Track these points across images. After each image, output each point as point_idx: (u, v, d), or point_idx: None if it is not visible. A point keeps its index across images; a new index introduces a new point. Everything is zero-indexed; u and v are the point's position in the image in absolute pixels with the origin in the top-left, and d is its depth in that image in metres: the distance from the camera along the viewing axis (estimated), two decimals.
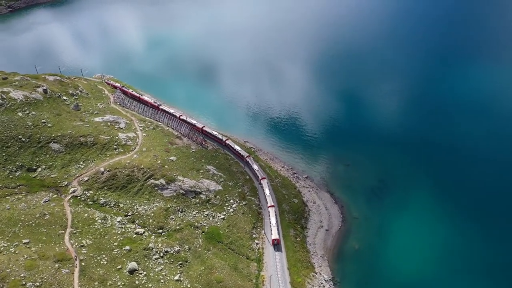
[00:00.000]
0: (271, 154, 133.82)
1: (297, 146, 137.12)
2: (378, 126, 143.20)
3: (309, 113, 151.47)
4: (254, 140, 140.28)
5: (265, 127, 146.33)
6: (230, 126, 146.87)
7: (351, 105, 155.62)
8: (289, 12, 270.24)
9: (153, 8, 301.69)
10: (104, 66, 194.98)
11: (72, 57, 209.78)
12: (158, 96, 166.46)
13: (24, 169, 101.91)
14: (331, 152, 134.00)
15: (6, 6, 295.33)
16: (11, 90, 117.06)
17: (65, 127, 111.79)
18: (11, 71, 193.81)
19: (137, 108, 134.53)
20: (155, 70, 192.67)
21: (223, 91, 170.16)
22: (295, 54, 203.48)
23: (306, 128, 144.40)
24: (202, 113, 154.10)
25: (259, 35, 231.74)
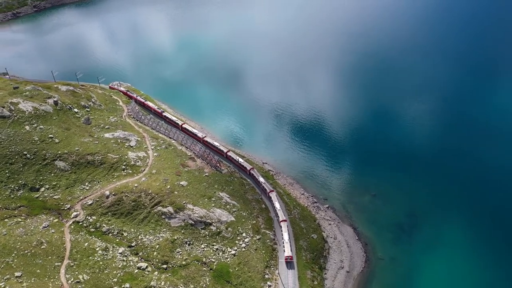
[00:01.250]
0: (291, 177, 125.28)
1: (319, 170, 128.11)
2: (409, 151, 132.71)
3: (333, 133, 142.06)
4: (273, 161, 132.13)
5: (285, 146, 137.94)
6: (249, 144, 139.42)
7: (380, 127, 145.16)
8: (317, 16, 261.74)
9: (178, 12, 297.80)
10: (123, 73, 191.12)
11: (91, 62, 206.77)
12: (176, 107, 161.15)
13: (26, 188, 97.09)
14: (356, 179, 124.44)
15: (32, 6, 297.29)
16: (21, 101, 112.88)
17: (73, 144, 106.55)
18: (29, 74, 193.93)
19: (151, 123, 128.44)
20: (175, 78, 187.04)
21: (244, 104, 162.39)
22: (322, 65, 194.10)
23: (329, 150, 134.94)
24: (218, 128, 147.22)
25: (285, 43, 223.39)
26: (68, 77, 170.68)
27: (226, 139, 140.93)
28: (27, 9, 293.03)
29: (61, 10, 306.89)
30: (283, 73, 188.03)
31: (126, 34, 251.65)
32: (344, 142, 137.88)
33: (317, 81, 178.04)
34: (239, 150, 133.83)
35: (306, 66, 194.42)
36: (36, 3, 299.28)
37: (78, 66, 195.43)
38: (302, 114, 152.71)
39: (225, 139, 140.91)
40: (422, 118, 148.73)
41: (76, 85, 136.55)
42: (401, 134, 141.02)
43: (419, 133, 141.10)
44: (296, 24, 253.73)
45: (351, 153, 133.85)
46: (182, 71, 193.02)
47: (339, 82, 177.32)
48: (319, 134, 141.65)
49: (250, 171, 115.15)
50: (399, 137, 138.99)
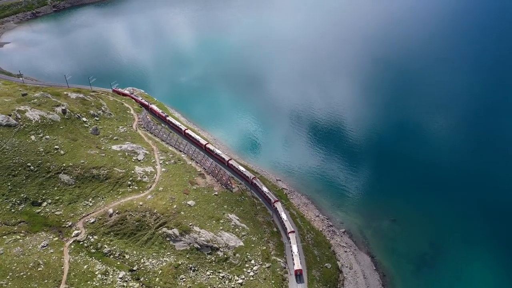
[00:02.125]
0: (306, 197, 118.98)
1: (336, 189, 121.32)
2: (434, 172, 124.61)
3: (352, 150, 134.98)
4: (287, 178, 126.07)
5: (301, 163, 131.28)
6: (263, 159, 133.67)
7: (402, 143, 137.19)
8: (340, 21, 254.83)
9: (197, 15, 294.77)
10: (137, 78, 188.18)
11: (106, 65, 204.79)
12: (189, 115, 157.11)
13: (28, 202, 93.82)
14: (374, 201, 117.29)
15: (52, 5, 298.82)
16: (28, 109, 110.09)
17: (79, 156, 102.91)
18: (44, 76, 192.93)
19: (161, 133, 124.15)
20: (190, 85, 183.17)
21: (261, 115, 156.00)
22: (342, 74, 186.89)
23: (347, 168, 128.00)
24: (232, 140, 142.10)
25: (305, 48, 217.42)
26: (82, 81, 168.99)
27: (240, 153, 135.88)
28: (46, 9, 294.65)
29: (80, 10, 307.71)
30: (302, 82, 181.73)
31: (143, 37, 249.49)
32: (363, 159, 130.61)
33: (336, 92, 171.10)
34: (253, 165, 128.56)
35: (326, 75, 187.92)
36: (56, 3, 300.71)
37: (93, 70, 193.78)
38: (320, 128, 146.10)
39: (240, 153, 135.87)
40: (450, 134, 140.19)
41: (87, 92, 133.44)
42: (425, 152, 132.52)
43: (446, 152, 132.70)
44: (317, 28, 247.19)
45: (371, 171, 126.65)
46: (197, 78, 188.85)
47: (358, 93, 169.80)
48: (336, 151, 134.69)
49: (252, 181, 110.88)
50: (423, 156, 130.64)
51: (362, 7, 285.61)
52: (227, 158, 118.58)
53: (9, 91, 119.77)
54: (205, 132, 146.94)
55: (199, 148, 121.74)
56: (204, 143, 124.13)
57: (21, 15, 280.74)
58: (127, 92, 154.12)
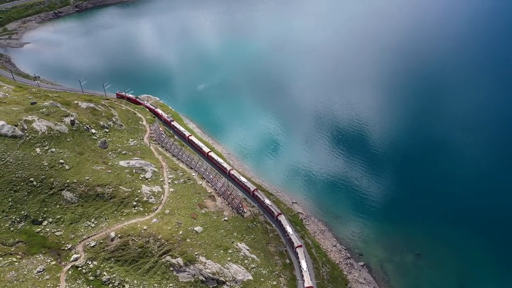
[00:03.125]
0: (323, 223, 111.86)
1: (357, 216, 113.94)
2: (465, 202, 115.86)
3: (375, 173, 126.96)
4: (304, 201, 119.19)
5: (320, 184, 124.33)
6: (280, 178, 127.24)
7: (431, 170, 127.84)
8: (369, 26, 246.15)
9: (219, 18, 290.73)
10: (153, 84, 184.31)
11: (122, 69, 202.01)
12: (205, 126, 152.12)
13: (28, 220, 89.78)
14: (397, 231, 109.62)
15: (74, 5, 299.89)
16: (36, 119, 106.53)
17: (84, 172, 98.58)
18: (60, 79, 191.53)
19: (173, 148, 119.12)
20: (208, 93, 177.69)
21: (279, 129, 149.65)
22: (368, 86, 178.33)
23: (369, 193, 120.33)
24: (248, 157, 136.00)
25: (331, 56, 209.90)
26: (97, 87, 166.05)
27: (255, 171, 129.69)
28: (68, 9, 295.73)
29: (102, 11, 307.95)
30: (325, 92, 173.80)
31: (162, 40, 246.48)
32: (386, 185, 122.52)
33: (361, 106, 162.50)
34: (268, 185, 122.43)
35: (350, 85, 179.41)
36: (78, 3, 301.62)
37: (109, 74, 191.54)
38: (341, 148, 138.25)
39: (255, 171, 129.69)
40: (485, 159, 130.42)
41: (98, 101, 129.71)
42: (457, 178, 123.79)
43: (480, 178, 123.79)
44: (341, 34, 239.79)
45: (395, 198, 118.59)
46: (215, 86, 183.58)
47: (384, 108, 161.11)
48: (358, 174, 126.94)
49: (253, 192, 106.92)
50: (454, 182, 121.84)
51: (388, 13, 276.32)
52: (228, 167, 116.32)
53: (19, 98, 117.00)
54: (219, 145, 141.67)
55: (203, 157, 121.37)
56: (207, 151, 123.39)
57: (43, 14, 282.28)
58: (131, 96, 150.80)
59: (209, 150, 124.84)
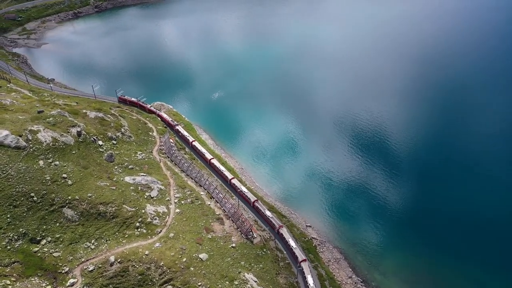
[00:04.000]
0: (338, 250, 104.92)
1: (376, 244, 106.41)
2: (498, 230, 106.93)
3: (399, 199, 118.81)
4: (320, 224, 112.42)
5: (337, 207, 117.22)
6: (294, 197, 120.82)
7: (461, 197, 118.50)
8: (398, 34, 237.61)
9: (240, 21, 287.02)
10: (168, 91, 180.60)
11: (137, 74, 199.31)
12: (219, 138, 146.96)
13: (26, 238, 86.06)
14: (419, 264, 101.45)
15: (94, 6, 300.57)
16: (41, 129, 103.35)
17: (87, 188, 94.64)
18: (75, 82, 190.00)
19: (182, 162, 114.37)
20: (225, 102, 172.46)
21: (299, 145, 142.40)
22: (395, 102, 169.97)
23: (391, 221, 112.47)
24: (261, 171, 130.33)
25: (355, 66, 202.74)
26: (110, 92, 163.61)
27: (268, 189, 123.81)
28: (88, 9, 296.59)
29: (121, 11, 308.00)
30: (350, 107, 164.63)
31: (180, 44, 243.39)
32: (411, 213, 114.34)
33: (386, 122, 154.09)
34: (281, 205, 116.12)
35: (376, 100, 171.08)
36: (98, 4, 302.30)
37: (123, 78, 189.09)
38: (362, 168, 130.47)
39: (268, 189, 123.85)
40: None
41: (108, 110, 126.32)
42: (494, 203, 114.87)
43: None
44: (367, 41, 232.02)
45: (420, 228, 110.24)
46: (233, 94, 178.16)
47: (411, 124, 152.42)
48: (380, 196, 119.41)
49: (254, 204, 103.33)
50: (489, 208, 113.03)
51: (419, 19, 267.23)
52: (230, 176, 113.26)
53: (26, 106, 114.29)
54: (232, 159, 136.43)
55: (206, 164, 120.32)
56: (210, 158, 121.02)
57: (63, 14, 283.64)
58: (134, 100, 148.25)
59: (212, 157, 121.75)
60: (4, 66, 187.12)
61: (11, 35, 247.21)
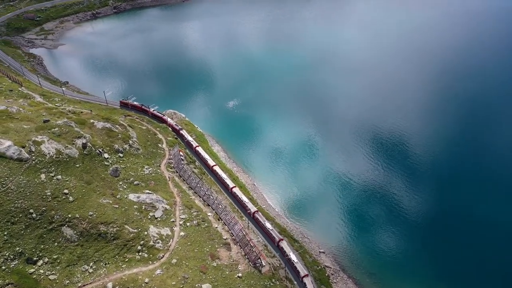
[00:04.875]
0: (353, 281, 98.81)
1: (394, 276, 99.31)
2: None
3: (421, 225, 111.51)
4: (333, 250, 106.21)
5: (354, 233, 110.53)
6: (309, 219, 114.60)
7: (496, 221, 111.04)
8: (423, 41, 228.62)
9: (262, 25, 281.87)
10: (182, 99, 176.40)
11: (151, 79, 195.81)
12: (232, 150, 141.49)
13: (23, 258, 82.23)
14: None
15: (112, 7, 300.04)
16: (46, 139, 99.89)
17: (88, 205, 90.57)
18: (88, 86, 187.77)
19: (190, 179, 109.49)
20: (240, 112, 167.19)
21: (318, 164, 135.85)
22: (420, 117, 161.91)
23: (412, 250, 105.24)
24: (275, 192, 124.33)
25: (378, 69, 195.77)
26: (121, 98, 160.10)
27: (282, 210, 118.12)
28: (106, 10, 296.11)
29: (140, 13, 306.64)
30: (375, 122, 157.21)
31: (197, 48, 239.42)
32: (437, 240, 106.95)
33: (413, 141, 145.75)
34: (293, 228, 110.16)
35: (401, 112, 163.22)
36: (117, 4, 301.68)
37: (137, 83, 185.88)
38: (383, 191, 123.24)
39: (281, 210, 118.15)
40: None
41: (116, 120, 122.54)
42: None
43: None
44: (391, 48, 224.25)
45: (444, 257, 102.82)
46: (249, 102, 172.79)
47: (440, 146, 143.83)
48: (401, 221, 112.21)
49: (254, 214, 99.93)
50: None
51: (446, 28, 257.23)
52: (231, 185, 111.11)
53: (32, 114, 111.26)
54: (245, 174, 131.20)
55: (208, 170, 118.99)
56: (212, 164, 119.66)
57: (81, 15, 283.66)
58: (136, 103, 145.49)
59: (215, 163, 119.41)
60: (18, 68, 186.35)
61: (29, 35, 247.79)
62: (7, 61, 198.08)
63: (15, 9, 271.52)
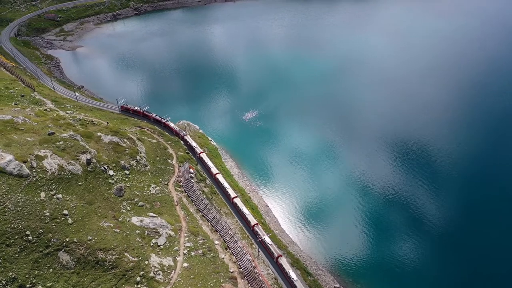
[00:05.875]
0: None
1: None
2: None
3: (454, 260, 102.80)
4: (350, 286, 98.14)
5: (373, 265, 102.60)
6: (323, 251, 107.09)
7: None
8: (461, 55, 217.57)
9: (284, 31, 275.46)
10: (197, 109, 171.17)
11: (167, 87, 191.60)
12: (245, 167, 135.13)
13: (15, 284, 77.81)
14: None
15: (133, 8, 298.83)
16: (49, 154, 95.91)
17: (88, 229, 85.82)
18: (103, 91, 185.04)
19: (199, 200, 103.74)
20: (258, 126, 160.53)
21: (338, 183, 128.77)
22: (454, 138, 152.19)
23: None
24: (290, 217, 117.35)
25: (410, 81, 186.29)
26: (135, 105, 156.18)
27: (296, 237, 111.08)
28: (127, 12, 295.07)
29: (160, 15, 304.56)
30: (409, 142, 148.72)
31: (216, 54, 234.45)
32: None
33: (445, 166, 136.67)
34: (307, 257, 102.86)
35: (430, 130, 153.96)
36: (138, 6, 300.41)
37: (152, 90, 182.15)
38: (412, 220, 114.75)
39: (295, 237, 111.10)
40: None
41: (125, 133, 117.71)
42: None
43: None
44: (424, 59, 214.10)
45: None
46: (271, 115, 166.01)
47: (471, 165, 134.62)
48: (428, 255, 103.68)
49: (253, 228, 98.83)
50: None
51: (482, 38, 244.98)
52: (233, 195, 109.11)
53: (38, 126, 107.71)
54: (258, 194, 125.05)
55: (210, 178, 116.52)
56: (215, 172, 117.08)
57: (102, 16, 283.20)
58: (137, 109, 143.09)
59: (217, 171, 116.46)
60: (34, 71, 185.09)
61: (48, 36, 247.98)
62: (24, 63, 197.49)
63: (37, 9, 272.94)
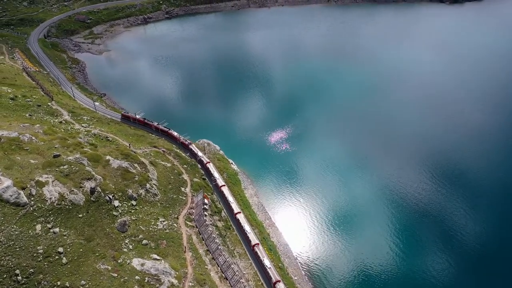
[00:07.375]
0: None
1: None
2: None
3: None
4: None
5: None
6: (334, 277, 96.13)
7: None
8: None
9: (319, 40, 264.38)
10: (221, 126, 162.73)
11: (191, 100, 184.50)
12: (265, 197, 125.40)
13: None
14: None
15: (165, 11, 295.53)
16: (51, 180, 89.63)
17: (82, 272, 78.38)
18: (125, 101, 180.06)
19: (210, 239, 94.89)
20: (283, 145, 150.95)
21: (374, 222, 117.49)
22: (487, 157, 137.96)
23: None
24: (314, 262, 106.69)
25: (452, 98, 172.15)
26: (155, 119, 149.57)
27: (316, 281, 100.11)
28: (158, 15, 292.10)
29: (193, 19, 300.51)
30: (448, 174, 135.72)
31: (248, 64, 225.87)
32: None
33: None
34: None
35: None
36: (169, 10, 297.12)
37: (174, 104, 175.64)
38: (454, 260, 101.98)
39: (315, 280, 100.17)
40: None
41: (136, 157, 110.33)
42: None
43: None
44: (475, 78, 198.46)
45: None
46: (297, 135, 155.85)
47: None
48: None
49: (253, 247, 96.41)
50: None
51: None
52: (236, 210, 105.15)
53: (44, 146, 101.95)
54: (278, 230, 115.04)
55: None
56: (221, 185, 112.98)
57: (132, 19, 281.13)
58: (139, 117, 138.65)
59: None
60: (57, 76, 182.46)
61: (77, 38, 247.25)
62: (48, 67, 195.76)
63: (68, 10, 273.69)
